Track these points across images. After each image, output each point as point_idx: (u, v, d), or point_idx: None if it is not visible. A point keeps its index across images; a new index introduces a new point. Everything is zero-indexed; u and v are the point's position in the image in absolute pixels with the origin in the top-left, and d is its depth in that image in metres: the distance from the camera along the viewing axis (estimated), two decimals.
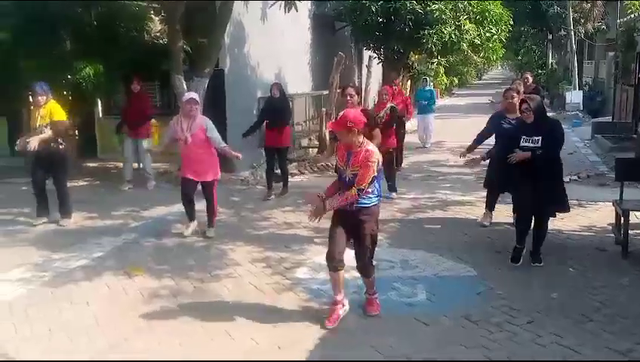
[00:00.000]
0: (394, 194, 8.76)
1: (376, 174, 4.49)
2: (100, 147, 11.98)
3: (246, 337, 4.44)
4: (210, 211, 7.05)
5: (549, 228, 6.05)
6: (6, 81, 8.99)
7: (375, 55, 17.05)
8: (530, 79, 10.49)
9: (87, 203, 8.49)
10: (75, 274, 5.78)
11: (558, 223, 7.00)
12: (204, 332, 4.53)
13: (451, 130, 16.77)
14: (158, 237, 6.99)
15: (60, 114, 7.27)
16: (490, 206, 7.35)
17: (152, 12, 10.71)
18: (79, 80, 9.18)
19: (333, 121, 4.54)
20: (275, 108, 8.92)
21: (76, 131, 11.36)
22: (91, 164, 11.28)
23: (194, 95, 6.94)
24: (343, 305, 4.76)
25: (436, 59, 22.09)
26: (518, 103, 6.70)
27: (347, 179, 4.50)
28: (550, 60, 32.68)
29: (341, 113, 4.68)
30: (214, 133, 6.79)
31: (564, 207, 5.96)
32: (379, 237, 6.65)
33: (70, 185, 9.58)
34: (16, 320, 4.75)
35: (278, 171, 9.19)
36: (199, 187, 6.97)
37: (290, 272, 5.82)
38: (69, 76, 9.19)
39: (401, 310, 4.91)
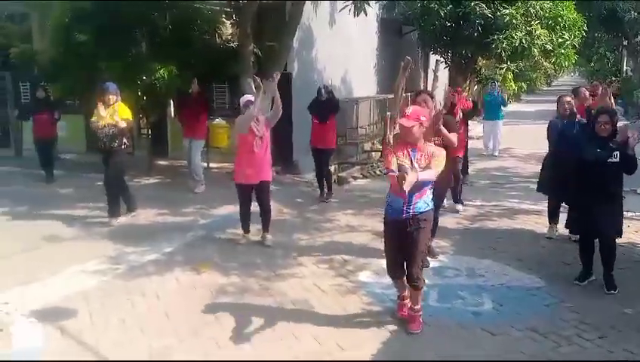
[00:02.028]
0: (460, 206, 8.40)
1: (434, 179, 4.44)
2: (171, 146, 12.36)
3: (310, 338, 4.50)
4: (266, 217, 6.86)
5: (622, 241, 5.81)
6: (85, 81, 9.40)
7: (442, 59, 16.84)
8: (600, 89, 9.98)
9: (158, 200, 8.79)
10: (146, 268, 6.02)
11: (632, 236, 6.75)
12: (272, 331, 4.62)
13: (520, 137, 16.36)
14: (225, 235, 7.17)
15: (127, 113, 7.51)
16: (552, 217, 7.06)
17: (223, 15, 10.98)
18: (153, 81, 9.48)
19: (404, 116, 4.44)
20: (322, 109, 8.93)
21: (149, 130, 11.81)
22: (162, 162, 11.68)
23: (249, 96, 6.89)
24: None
25: (505, 65, 21.59)
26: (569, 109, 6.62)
27: None
28: (625, 67, 31.33)
29: (409, 109, 4.58)
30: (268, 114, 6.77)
31: (619, 230, 5.56)
32: (443, 244, 6.69)
33: (142, 183, 10.05)
34: (92, 310, 4.99)
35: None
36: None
37: (354, 275, 5.85)
38: (144, 77, 9.50)
39: (466, 319, 4.84)
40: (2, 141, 13.39)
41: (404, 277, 4.63)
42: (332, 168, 11.24)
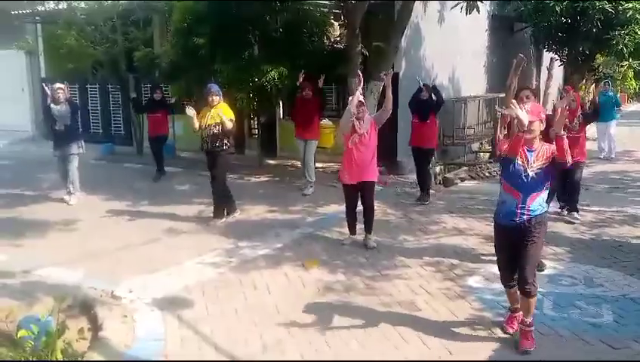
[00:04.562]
0: (575, 214, 7.77)
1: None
2: (280, 146, 12.69)
3: (417, 340, 4.47)
4: (369, 217, 6.79)
5: None
6: (202, 82, 9.86)
7: (557, 57, 16.08)
8: None
9: (268, 197, 9.11)
10: (257, 263, 6.25)
11: None
12: (379, 332, 4.63)
13: None
14: (330, 233, 7.28)
15: (230, 113, 7.59)
16: None
17: (332, 17, 11.13)
18: (264, 82, 9.77)
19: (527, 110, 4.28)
20: (423, 107, 8.77)
21: (259, 130, 12.21)
22: (272, 162, 12.04)
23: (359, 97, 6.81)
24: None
25: (627, 62, 20.25)
26: None
27: (529, 178, 4.23)
28: None
29: (527, 105, 4.41)
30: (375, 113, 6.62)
31: None
32: (559, 251, 6.40)
33: (252, 180, 10.42)
34: (208, 300, 5.25)
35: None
36: None
37: (462, 280, 5.73)
38: (255, 79, 9.81)
39: (583, 330, 4.60)
40: (126, 140, 14.41)
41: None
42: (438, 169, 11.06)
